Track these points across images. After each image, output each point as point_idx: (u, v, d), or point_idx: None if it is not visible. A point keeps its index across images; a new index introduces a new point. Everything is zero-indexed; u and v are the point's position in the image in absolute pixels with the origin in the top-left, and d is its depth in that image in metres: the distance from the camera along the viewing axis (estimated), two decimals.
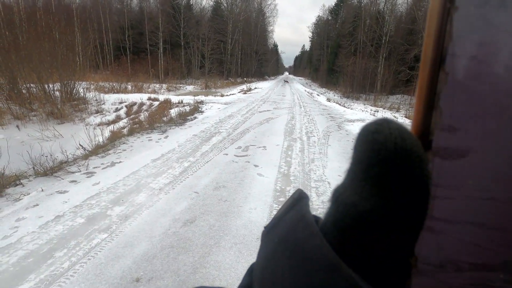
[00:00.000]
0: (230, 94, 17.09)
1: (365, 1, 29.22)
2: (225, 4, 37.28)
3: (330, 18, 42.90)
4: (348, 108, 14.05)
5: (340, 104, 15.48)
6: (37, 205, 3.14)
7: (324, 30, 44.94)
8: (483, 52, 0.14)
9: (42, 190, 3.47)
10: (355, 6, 31.18)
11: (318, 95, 21.72)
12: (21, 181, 3.67)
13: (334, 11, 40.78)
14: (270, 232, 0.20)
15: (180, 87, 22.91)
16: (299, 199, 0.20)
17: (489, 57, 0.14)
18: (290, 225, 0.18)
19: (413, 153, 0.14)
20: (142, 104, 10.23)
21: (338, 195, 0.16)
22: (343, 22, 33.68)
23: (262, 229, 0.22)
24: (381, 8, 27.11)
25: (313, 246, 0.15)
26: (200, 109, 9.99)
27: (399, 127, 0.15)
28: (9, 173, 3.82)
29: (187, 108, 9.57)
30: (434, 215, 0.15)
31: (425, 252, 0.15)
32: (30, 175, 3.87)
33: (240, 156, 4.97)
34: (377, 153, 0.14)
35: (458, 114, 0.15)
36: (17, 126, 7.09)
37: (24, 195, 3.33)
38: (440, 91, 0.15)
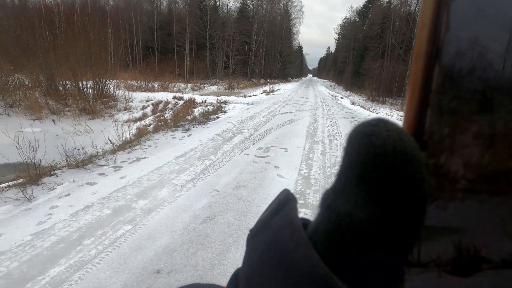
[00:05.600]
0: (253, 95, 17.19)
1: (395, 2, 28.31)
2: (251, 6, 37.57)
3: (357, 19, 41.95)
4: (373, 112, 13.67)
5: (365, 108, 15.08)
6: (69, 194, 3.34)
7: (350, 31, 43.99)
8: (482, 45, 0.13)
9: (74, 181, 3.68)
10: (384, 8, 30.26)
11: (342, 98, 21.30)
12: (55, 171, 3.92)
13: (362, 12, 39.81)
14: (256, 237, 0.19)
15: (204, 87, 23.38)
16: (286, 202, 0.18)
17: (488, 50, 0.13)
18: (276, 231, 0.17)
19: (414, 156, 0.13)
20: (167, 102, 10.56)
21: (330, 202, 0.15)
22: (371, 24, 32.79)
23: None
24: (412, 10, 26.08)
25: (301, 257, 0.14)
26: (223, 109, 10.13)
27: (397, 129, 0.14)
28: (45, 163, 4.10)
29: (210, 108, 9.75)
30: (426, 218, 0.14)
31: (416, 255, 0.14)
32: (63, 167, 4.13)
33: (261, 156, 5.00)
34: (374, 157, 0.13)
35: (455, 112, 0.14)
36: (53, 121, 7.58)
37: (58, 185, 3.55)
38: (435, 87, 0.14)
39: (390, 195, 0.13)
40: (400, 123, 0.14)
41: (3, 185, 3.47)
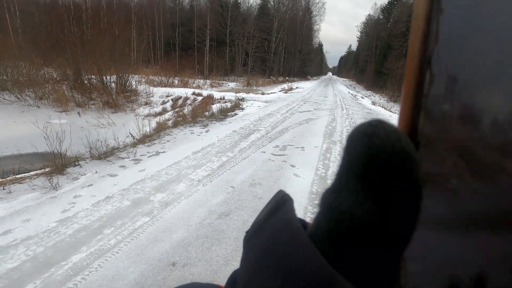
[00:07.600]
0: (271, 93, 17.11)
1: None
2: (272, 3, 37.32)
3: (381, 17, 40.71)
4: (395, 113, 13.24)
5: (386, 109, 14.67)
6: (91, 185, 3.47)
7: (373, 29, 42.76)
8: (469, 56, 0.14)
9: (96, 172, 3.82)
10: (410, 5, 29.15)
11: (362, 97, 20.79)
12: (80, 162, 4.08)
13: (387, 9, 38.55)
14: (252, 239, 0.18)
15: (222, 83, 23.54)
16: (283, 202, 0.18)
17: (474, 61, 0.14)
18: (274, 232, 0.16)
19: (411, 156, 0.14)
20: (186, 98, 10.73)
21: (331, 201, 0.15)
22: (395, 22, 31.70)
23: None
24: None
25: (303, 258, 0.14)
26: (240, 106, 10.17)
27: (395, 129, 0.15)
28: (70, 154, 4.28)
29: (228, 105, 9.81)
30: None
31: (411, 252, 0.15)
32: (86, 158, 4.30)
33: (277, 155, 4.97)
34: (375, 156, 0.14)
35: (445, 115, 0.15)
36: (78, 113, 7.89)
37: (81, 175, 3.71)
38: (427, 92, 0.15)
39: (389, 192, 0.14)
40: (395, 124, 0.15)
41: (32, 173, 3.66)
